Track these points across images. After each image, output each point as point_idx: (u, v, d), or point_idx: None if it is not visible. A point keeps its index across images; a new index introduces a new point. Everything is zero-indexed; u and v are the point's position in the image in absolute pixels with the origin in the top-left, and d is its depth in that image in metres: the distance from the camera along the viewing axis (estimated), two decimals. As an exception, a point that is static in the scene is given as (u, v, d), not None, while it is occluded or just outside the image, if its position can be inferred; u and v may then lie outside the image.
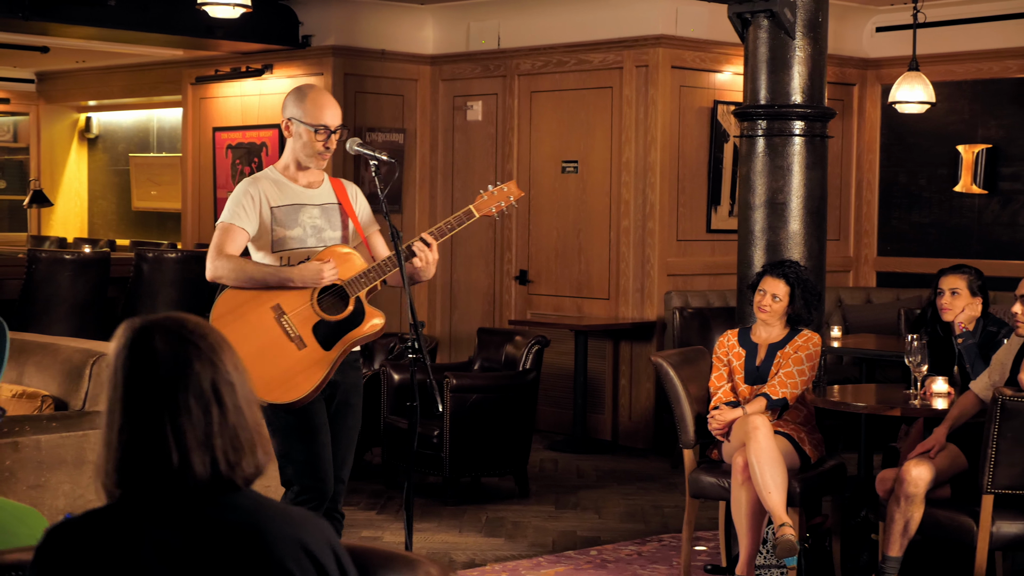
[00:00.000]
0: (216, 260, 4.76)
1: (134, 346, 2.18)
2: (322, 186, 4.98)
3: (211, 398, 2.16)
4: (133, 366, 2.17)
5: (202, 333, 2.21)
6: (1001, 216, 10.12)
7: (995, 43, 10.00)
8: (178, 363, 2.16)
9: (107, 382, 2.21)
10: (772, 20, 6.26)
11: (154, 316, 2.24)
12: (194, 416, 2.15)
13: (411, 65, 10.72)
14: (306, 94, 4.89)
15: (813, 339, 6.10)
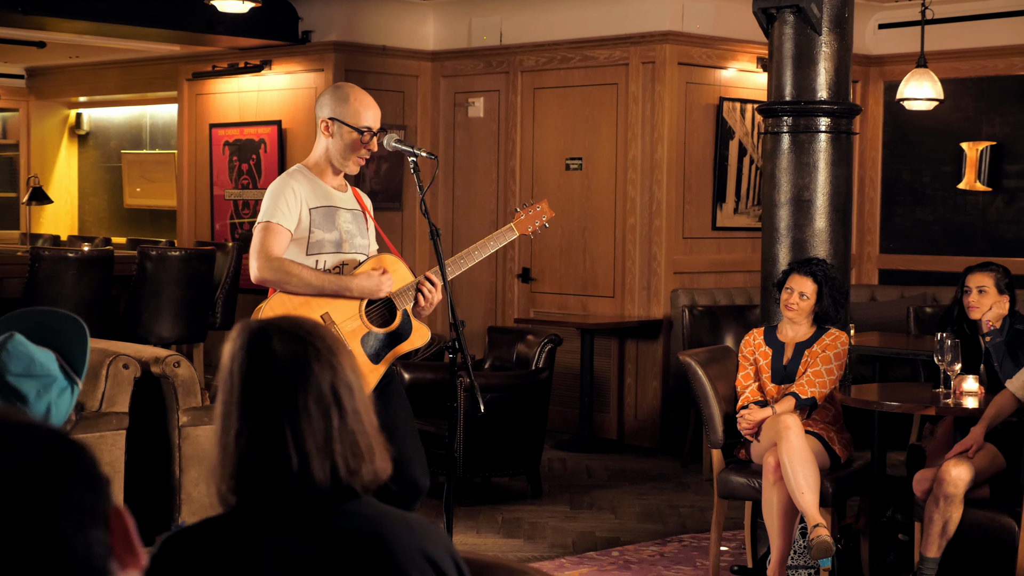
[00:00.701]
0: (264, 262, 4.63)
1: (252, 347, 2.10)
2: (348, 191, 4.90)
3: (331, 401, 2.09)
4: (251, 368, 2.09)
5: (320, 334, 2.14)
6: (1006, 213, 10.10)
7: (1001, 40, 9.97)
8: (297, 365, 2.09)
9: (221, 384, 2.13)
10: (798, 15, 6.21)
11: (269, 318, 2.17)
12: (314, 420, 2.07)
13: (412, 61, 10.63)
14: (348, 94, 4.80)
15: (841, 338, 6.04)
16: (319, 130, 4.83)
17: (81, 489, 1.28)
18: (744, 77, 9.85)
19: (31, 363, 2.48)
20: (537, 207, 5.01)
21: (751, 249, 10.01)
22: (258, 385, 2.08)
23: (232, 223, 11.08)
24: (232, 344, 2.13)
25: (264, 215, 4.72)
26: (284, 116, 10.66)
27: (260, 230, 4.70)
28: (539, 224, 5.00)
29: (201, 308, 9.38)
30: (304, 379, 2.08)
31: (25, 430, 1.29)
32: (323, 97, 4.84)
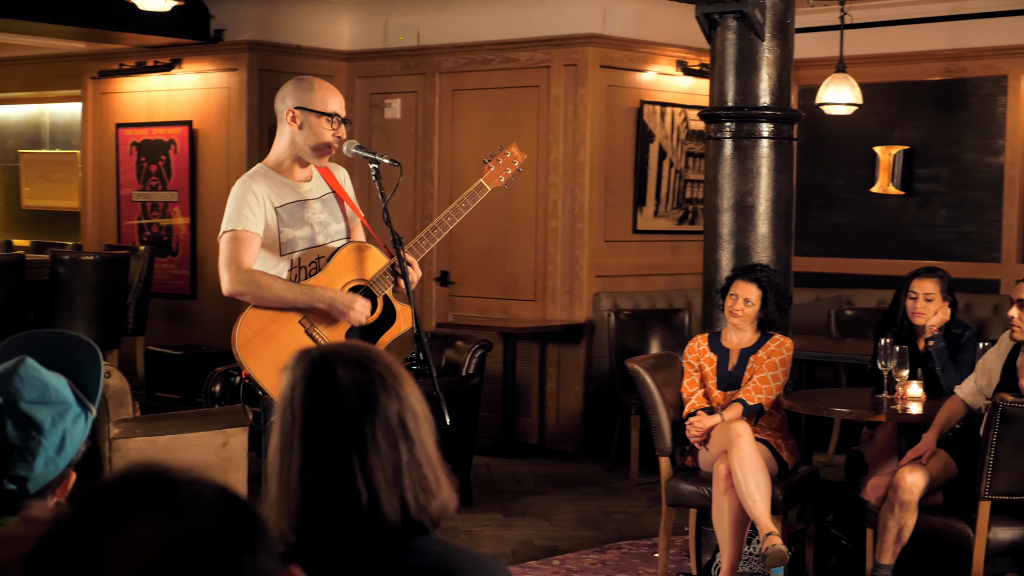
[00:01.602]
0: (236, 274, 4.46)
1: (315, 377, 2.00)
2: (314, 177, 4.74)
3: (399, 432, 1.99)
4: (315, 398, 1.99)
5: (385, 362, 2.04)
6: (919, 216, 10.23)
7: (915, 46, 10.10)
8: (363, 394, 1.98)
9: (280, 416, 2.03)
10: (742, 21, 6.20)
11: (329, 345, 2.07)
12: (382, 452, 1.97)
13: (327, 61, 10.48)
14: (311, 82, 4.66)
15: (786, 343, 6.05)
16: (283, 123, 4.66)
17: (264, 553, 1.19)
18: (664, 80, 9.85)
19: (45, 389, 2.34)
20: (506, 153, 4.87)
21: (671, 252, 10.03)
22: (323, 417, 1.98)
23: (140, 224, 10.83)
24: (291, 373, 2.03)
25: (228, 224, 4.56)
26: (195, 116, 10.45)
27: (227, 240, 4.53)
28: (511, 172, 4.87)
29: (115, 314, 9.15)
30: (371, 409, 1.98)
31: (198, 490, 1.19)
32: (284, 89, 4.69)
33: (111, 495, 1.22)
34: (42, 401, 2.39)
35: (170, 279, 10.53)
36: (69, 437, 2.42)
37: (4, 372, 2.41)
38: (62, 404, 2.41)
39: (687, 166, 10.01)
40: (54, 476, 2.43)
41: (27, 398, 2.37)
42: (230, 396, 8.38)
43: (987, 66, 9.86)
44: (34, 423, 2.37)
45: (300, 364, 2.03)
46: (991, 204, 9.89)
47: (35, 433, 2.37)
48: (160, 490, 1.22)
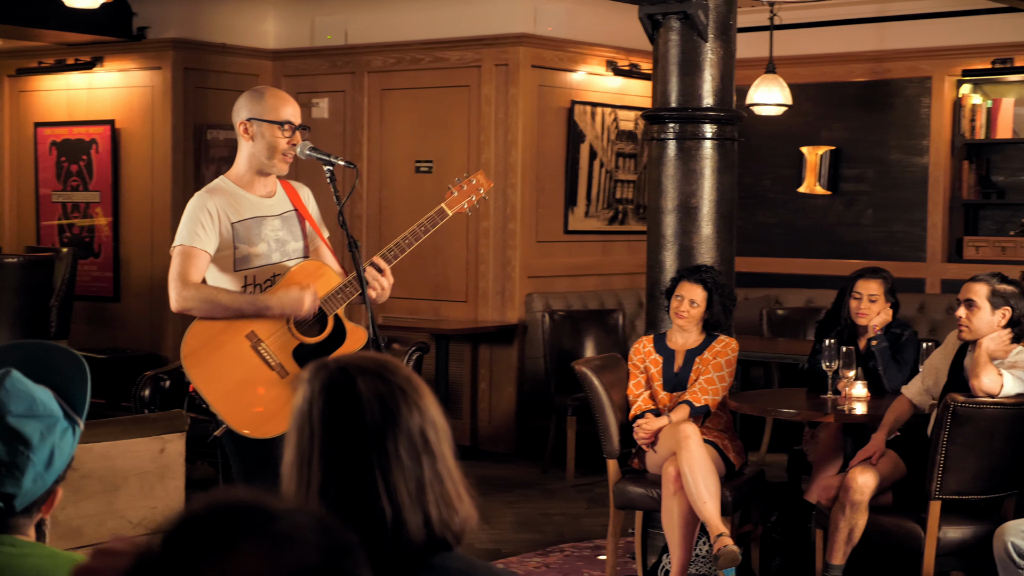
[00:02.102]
0: (182, 290, 4.39)
1: (334, 391, 1.94)
2: (277, 193, 4.67)
3: (421, 447, 1.94)
4: (335, 413, 1.92)
5: (405, 375, 1.99)
6: (845, 216, 10.32)
7: (840, 47, 10.18)
8: (385, 408, 1.93)
9: (294, 432, 1.96)
10: (685, 22, 6.19)
11: (346, 357, 2.00)
12: (405, 467, 1.92)
13: (252, 60, 10.34)
14: (263, 92, 4.59)
15: (731, 344, 6.06)
16: (240, 137, 4.59)
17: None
18: (594, 80, 9.84)
19: (33, 403, 2.26)
20: (472, 180, 4.83)
21: (601, 252, 10.03)
22: (344, 431, 1.92)
23: (60, 225, 10.62)
24: (307, 387, 1.96)
25: (179, 239, 4.47)
26: (117, 115, 10.25)
27: (177, 255, 4.45)
28: (475, 199, 4.83)
29: (38, 317, 8.96)
30: (394, 423, 1.92)
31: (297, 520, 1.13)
32: (238, 103, 4.61)
33: (206, 526, 1.16)
34: (29, 415, 2.30)
35: (92, 281, 10.34)
36: (58, 452, 2.33)
37: (-12, 385, 2.32)
38: (50, 418, 2.32)
39: (617, 166, 10.01)
40: (42, 492, 2.34)
41: (14, 412, 2.28)
42: (160, 400, 8.25)
43: (912, 67, 9.97)
44: (22, 438, 2.28)
45: (317, 377, 1.97)
46: (916, 204, 10.00)
47: (23, 448, 2.28)
48: (259, 521, 1.16)
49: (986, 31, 9.61)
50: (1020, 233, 9.72)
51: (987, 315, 5.15)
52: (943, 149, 9.83)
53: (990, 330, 5.13)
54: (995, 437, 5.02)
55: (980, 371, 4.95)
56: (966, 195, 9.85)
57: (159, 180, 9.98)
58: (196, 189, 9.93)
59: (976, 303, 5.18)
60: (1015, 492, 5.19)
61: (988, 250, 9.76)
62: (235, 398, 4.39)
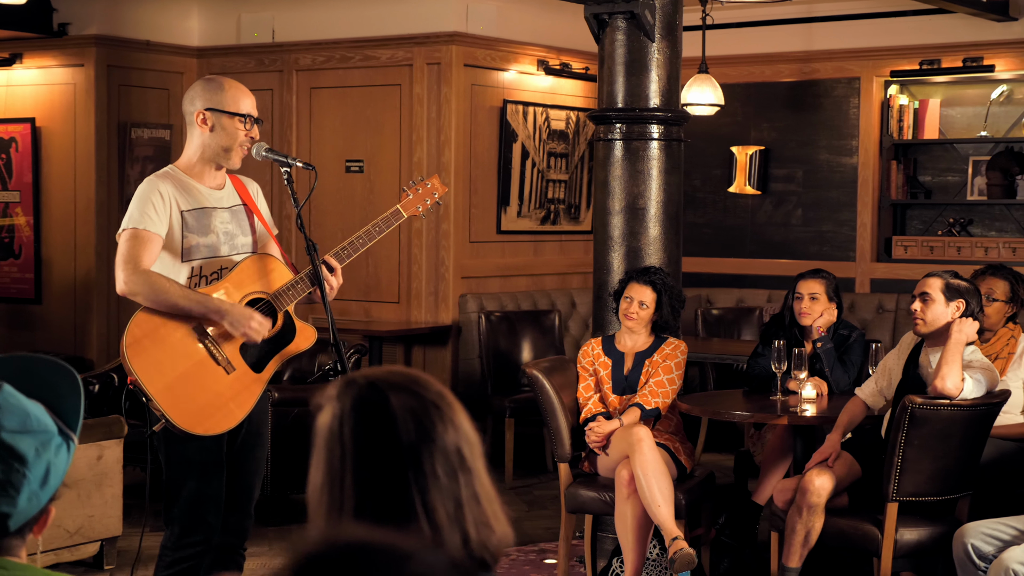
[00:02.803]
0: (132, 274, 4.25)
1: (366, 408, 1.85)
2: (226, 187, 4.56)
3: (457, 464, 1.86)
4: (368, 431, 1.84)
5: (437, 389, 1.91)
6: (774, 216, 10.36)
7: (768, 48, 10.22)
8: (420, 425, 1.85)
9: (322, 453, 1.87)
10: (632, 22, 6.15)
11: (374, 372, 1.92)
12: (443, 486, 1.84)
13: (177, 57, 10.15)
14: (221, 83, 4.47)
15: (680, 346, 6.03)
16: (194, 125, 4.46)
17: None
18: (525, 79, 9.79)
19: (27, 418, 2.14)
20: (427, 183, 4.75)
21: (533, 252, 9.98)
22: (378, 450, 1.83)
23: (-23, 226, 10.35)
24: (336, 405, 1.88)
25: (129, 221, 4.33)
26: (38, 113, 10.01)
27: (127, 238, 4.31)
28: (430, 203, 4.75)
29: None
30: (429, 439, 1.84)
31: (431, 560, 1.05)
32: (192, 91, 4.48)
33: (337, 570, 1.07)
34: (23, 430, 2.18)
35: (12, 283, 10.09)
36: (53, 469, 2.22)
37: (-21, 401, 2.20)
38: (44, 433, 2.21)
39: (549, 166, 9.96)
40: (36, 511, 2.23)
41: (7, 427, 2.17)
42: (88, 406, 8.05)
43: (839, 68, 10.03)
44: (16, 454, 2.17)
45: (346, 394, 1.88)
46: (845, 204, 10.07)
47: (18, 465, 2.16)
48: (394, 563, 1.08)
49: (914, 32, 9.69)
50: (948, 232, 9.81)
51: (941, 307, 5.16)
52: (872, 149, 9.90)
53: (944, 322, 5.14)
54: (951, 438, 5.03)
55: (946, 372, 4.95)
56: (894, 195, 9.92)
57: (82, 179, 9.76)
58: (120, 188, 9.79)
59: (931, 295, 5.19)
60: (968, 493, 5.21)
61: (917, 249, 9.85)
62: (178, 391, 4.26)
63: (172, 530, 4.40)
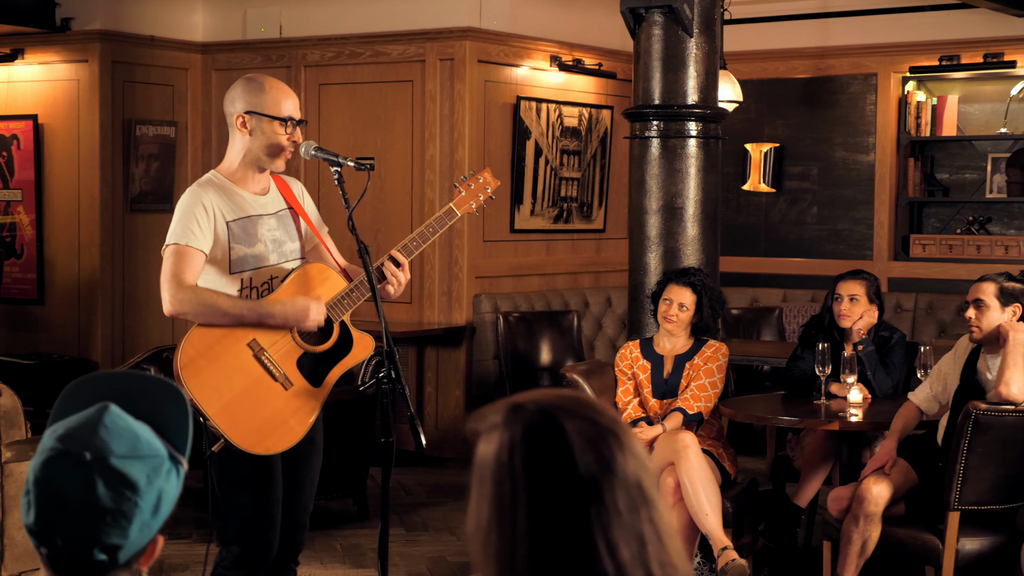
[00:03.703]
0: (177, 292, 4.07)
1: (540, 436, 1.68)
2: (271, 191, 4.39)
3: (638, 496, 1.69)
4: (544, 462, 1.67)
5: (611, 415, 1.74)
6: (788, 214, 10.22)
7: (782, 43, 10.08)
8: (600, 454, 1.68)
9: (485, 488, 1.70)
10: (669, 16, 6.00)
11: (541, 396, 1.75)
12: (625, 522, 1.67)
13: (181, 53, 9.95)
14: (263, 83, 4.29)
15: (722, 349, 5.88)
16: (234, 129, 4.29)
17: None
18: (538, 76, 9.62)
19: (136, 441, 1.98)
20: (479, 178, 4.58)
21: (546, 251, 9.81)
22: (555, 484, 1.66)
23: (-23, 226, 10.14)
24: (504, 433, 1.70)
25: (172, 236, 4.16)
26: (40, 110, 9.79)
27: (170, 255, 4.14)
28: (483, 198, 4.59)
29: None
30: (609, 471, 1.68)
31: None
32: (233, 92, 4.31)
33: None
34: (134, 455, 2.01)
35: (13, 283, 9.88)
36: (164, 496, 2.04)
37: (86, 422, 2.03)
38: (155, 458, 2.03)
39: (562, 164, 9.80)
40: (146, 542, 2.06)
41: (117, 452, 1.99)
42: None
43: (856, 64, 9.90)
44: (128, 481, 1.99)
45: (515, 421, 1.71)
46: (862, 201, 9.93)
47: (130, 493, 1.99)
48: None
49: (933, 28, 9.56)
50: (967, 231, 9.68)
51: (997, 313, 5.03)
52: (889, 146, 9.77)
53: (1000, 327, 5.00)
54: (1015, 445, 4.88)
55: (1009, 377, 4.81)
56: (911, 193, 9.79)
57: (86, 178, 9.55)
58: (125, 187, 9.58)
59: (985, 302, 5.05)
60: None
61: (935, 248, 9.72)
62: (236, 411, 4.10)
63: (230, 550, 4.23)
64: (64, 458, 1.99)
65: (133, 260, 9.68)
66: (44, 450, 2.02)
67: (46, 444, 2.03)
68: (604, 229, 10.27)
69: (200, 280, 4.15)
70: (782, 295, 10.05)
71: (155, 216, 9.80)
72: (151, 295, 9.79)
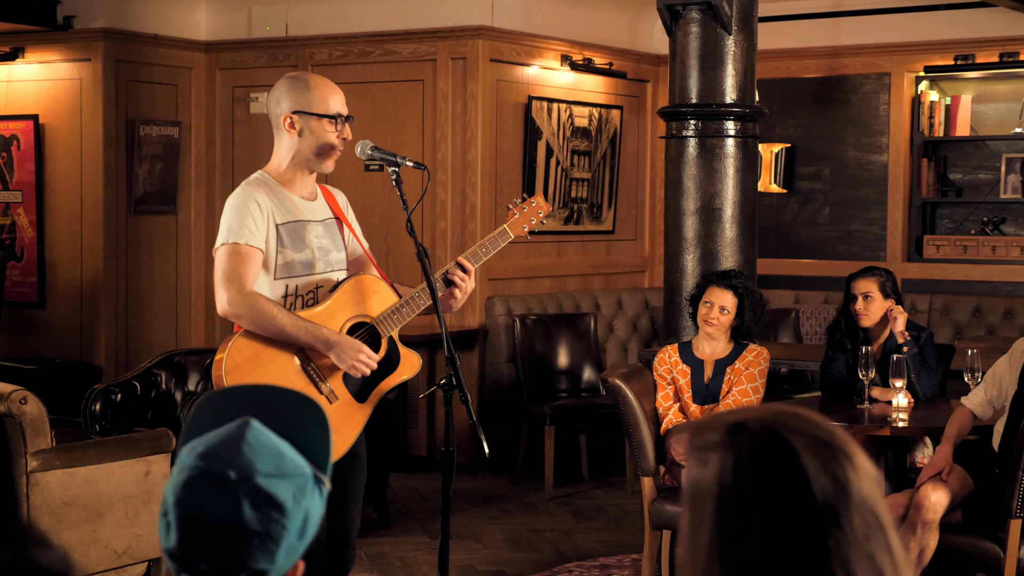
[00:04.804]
0: (238, 294, 3.92)
1: (769, 458, 1.55)
2: (318, 198, 4.25)
3: (873, 523, 1.56)
4: (776, 486, 1.53)
5: (840, 432, 1.61)
6: (800, 215, 10.12)
7: (792, 43, 9.97)
8: (835, 477, 1.55)
9: (708, 514, 1.57)
10: (708, 13, 5.87)
11: (762, 413, 1.61)
12: (863, 552, 1.54)
13: (185, 52, 9.78)
14: (307, 81, 4.14)
15: (763, 353, 5.76)
16: (281, 130, 4.14)
17: None
18: (549, 75, 9.49)
19: (281, 459, 1.84)
20: (532, 202, 4.48)
21: (557, 253, 9.69)
22: (789, 510, 1.53)
23: (-25, 228, 9.94)
24: (726, 454, 1.57)
25: (229, 235, 4.00)
26: (41, 110, 9.61)
27: (227, 254, 3.98)
28: (535, 222, 4.48)
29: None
30: (846, 495, 1.54)
31: None
32: (277, 92, 4.16)
33: None
34: (279, 474, 1.87)
35: (13, 286, 9.68)
36: (310, 518, 1.91)
37: (227, 439, 1.89)
38: (300, 476, 1.89)
39: (572, 164, 9.68)
40: (290, 568, 1.92)
41: (262, 471, 1.85)
42: (111, 415, 7.71)
43: (868, 63, 9.80)
44: (275, 502, 1.85)
45: (737, 440, 1.57)
46: (874, 202, 9.84)
47: (277, 515, 1.85)
48: None
49: (947, 27, 9.47)
50: (981, 231, 9.60)
51: (1058, 321, 4.91)
52: (902, 147, 9.68)
53: None
54: (1078, 451, 4.77)
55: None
56: (925, 193, 9.71)
57: (89, 179, 9.37)
58: (129, 188, 9.41)
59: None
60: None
61: (949, 249, 9.63)
62: None
63: None
64: (207, 477, 1.85)
65: (137, 262, 9.51)
66: (184, 468, 1.88)
67: (185, 462, 1.89)
68: (613, 230, 10.15)
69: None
70: (794, 296, 9.95)
71: (159, 218, 9.64)
72: (155, 298, 9.63)
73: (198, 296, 9.86)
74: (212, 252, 4.10)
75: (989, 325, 9.34)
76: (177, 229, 9.76)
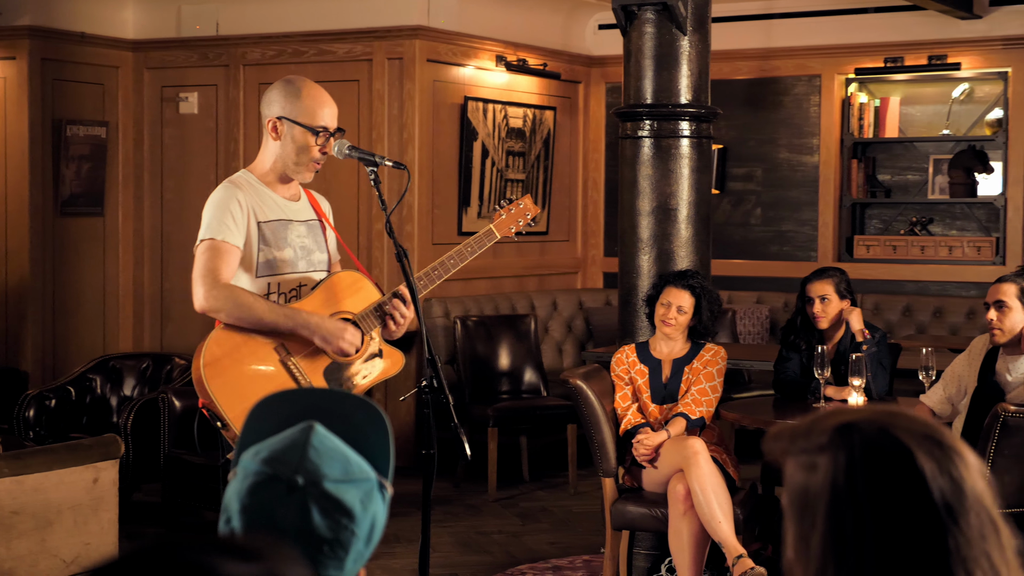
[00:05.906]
0: (211, 288, 3.87)
1: (885, 458, 1.53)
2: (302, 199, 4.20)
3: (988, 522, 1.55)
4: (893, 489, 1.51)
5: (949, 433, 1.59)
6: (733, 216, 10.18)
7: (725, 44, 10.00)
8: (951, 477, 1.53)
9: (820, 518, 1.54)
10: (663, 13, 5.87)
11: (870, 414, 1.59)
12: (981, 553, 1.52)
13: (112, 51, 9.61)
14: (299, 88, 4.08)
15: (720, 352, 5.77)
16: (266, 132, 4.09)
17: None
18: (485, 76, 9.45)
19: (347, 464, 1.79)
20: (520, 203, 4.46)
21: (493, 255, 9.64)
22: (908, 513, 1.50)
23: None
24: (835, 458, 1.54)
25: (207, 232, 3.95)
26: (-35, 109, 9.40)
27: (204, 250, 3.93)
28: (523, 223, 4.46)
29: None
30: (962, 494, 1.53)
31: None
32: (272, 93, 4.10)
33: None
34: (347, 479, 1.82)
35: (-65, 290, 9.44)
36: (376, 524, 1.86)
37: (292, 443, 1.83)
38: (367, 481, 1.85)
39: (507, 165, 9.65)
40: (356, 574, 1.87)
41: (330, 476, 1.80)
42: (46, 421, 7.56)
43: (800, 65, 9.88)
44: (344, 508, 1.80)
45: (849, 440, 1.54)
46: (806, 203, 9.92)
47: (346, 521, 1.80)
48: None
49: (877, 30, 9.58)
50: (910, 232, 9.72)
51: (1019, 314, 4.98)
52: (833, 148, 9.77)
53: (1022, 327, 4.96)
54: (1041, 447, 4.84)
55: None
56: (855, 194, 9.81)
57: (14, 180, 9.17)
58: (55, 189, 9.21)
59: (1007, 304, 5.01)
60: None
61: (879, 249, 9.74)
62: None
63: None
64: (275, 483, 1.80)
65: (64, 265, 9.32)
66: (249, 474, 1.83)
67: (250, 468, 1.83)
68: (547, 232, 10.14)
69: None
70: (727, 297, 9.98)
71: (86, 219, 9.46)
72: (83, 302, 9.45)
73: (126, 299, 9.69)
74: (193, 249, 4.04)
75: (919, 324, 9.46)
76: (105, 231, 9.59)
